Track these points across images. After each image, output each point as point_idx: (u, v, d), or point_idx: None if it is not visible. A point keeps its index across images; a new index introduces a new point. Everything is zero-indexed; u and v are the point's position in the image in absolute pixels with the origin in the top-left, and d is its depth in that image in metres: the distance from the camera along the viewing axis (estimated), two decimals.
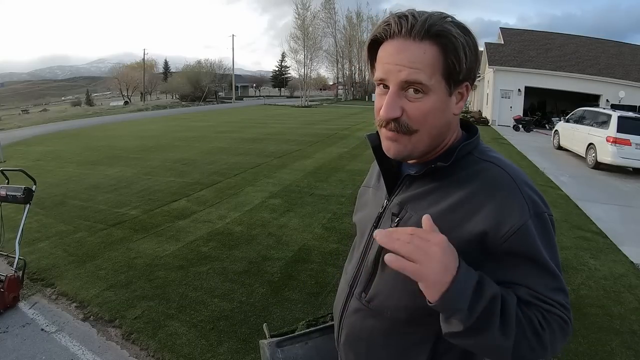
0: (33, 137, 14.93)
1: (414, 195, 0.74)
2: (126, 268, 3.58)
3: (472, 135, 0.76)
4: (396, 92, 0.66)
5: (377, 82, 0.70)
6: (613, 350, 2.50)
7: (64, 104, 65.07)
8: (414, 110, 0.66)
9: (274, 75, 71.23)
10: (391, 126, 0.68)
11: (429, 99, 0.66)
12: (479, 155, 0.72)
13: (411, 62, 0.64)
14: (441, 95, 0.67)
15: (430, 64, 0.65)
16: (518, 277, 0.64)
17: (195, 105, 39.74)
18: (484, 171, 0.69)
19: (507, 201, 0.64)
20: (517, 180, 0.66)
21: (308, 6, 39.69)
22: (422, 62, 0.64)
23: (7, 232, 3.38)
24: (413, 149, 0.70)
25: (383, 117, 0.68)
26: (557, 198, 6.15)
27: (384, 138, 0.71)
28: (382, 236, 0.59)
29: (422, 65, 0.64)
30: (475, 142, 0.74)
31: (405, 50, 0.65)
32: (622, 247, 4.24)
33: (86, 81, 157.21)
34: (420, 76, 0.64)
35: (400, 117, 0.67)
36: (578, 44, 20.55)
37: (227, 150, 10.07)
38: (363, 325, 0.79)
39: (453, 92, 0.69)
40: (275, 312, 2.86)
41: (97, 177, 7.35)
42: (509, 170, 0.68)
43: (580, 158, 9.51)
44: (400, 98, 0.66)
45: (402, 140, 0.69)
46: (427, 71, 0.65)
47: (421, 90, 0.65)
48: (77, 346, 2.53)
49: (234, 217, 4.94)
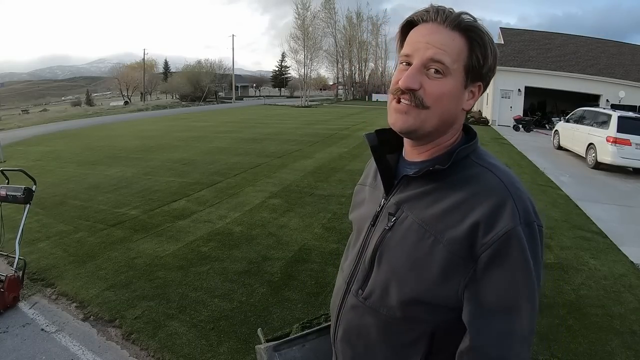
0: (33, 137, 14.93)
1: (411, 195, 0.75)
2: (126, 268, 3.58)
3: (470, 138, 0.77)
4: (419, 67, 0.69)
5: (402, 59, 0.73)
6: (613, 350, 2.50)
7: (64, 104, 65.06)
8: (432, 87, 0.69)
9: (274, 75, 71.25)
10: (406, 97, 0.70)
11: (447, 81, 0.69)
12: (476, 159, 0.73)
13: (440, 44, 0.69)
14: (458, 84, 0.70)
15: (457, 51, 0.69)
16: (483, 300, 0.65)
17: (195, 105, 39.74)
18: (479, 176, 0.70)
19: (499, 207, 0.65)
20: (510, 187, 0.67)
21: (308, 6, 39.70)
22: (449, 46, 0.69)
23: (7, 232, 3.38)
24: (420, 125, 0.71)
25: (402, 86, 0.69)
26: (557, 198, 6.15)
27: (393, 111, 0.73)
28: None
29: (449, 49, 0.69)
30: (474, 145, 0.75)
31: (437, 33, 0.69)
32: (622, 247, 4.24)
33: (86, 81, 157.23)
34: (445, 58, 0.68)
35: (417, 90, 0.69)
36: (578, 44, 20.56)
37: (227, 150, 10.07)
38: (360, 322, 0.80)
39: (468, 87, 0.72)
40: (276, 312, 2.86)
41: (97, 177, 7.35)
42: (502, 177, 0.69)
43: (581, 158, 9.51)
44: (421, 74, 0.69)
45: (412, 113, 0.70)
46: (452, 56, 0.69)
47: (442, 71, 0.69)
48: (77, 346, 2.53)
49: (234, 217, 4.94)
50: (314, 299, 3.00)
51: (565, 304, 3.06)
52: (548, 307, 3.00)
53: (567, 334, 2.66)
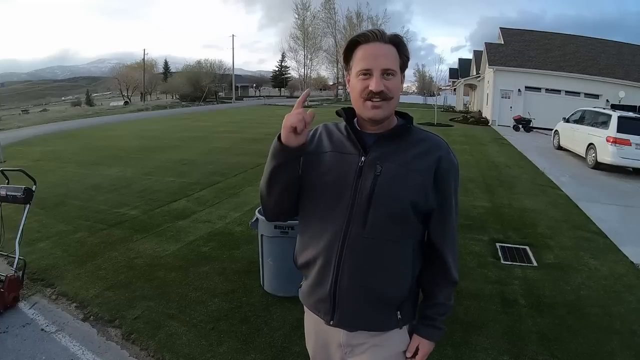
0: (33, 137, 14.92)
1: (386, 151, 1.07)
2: (126, 268, 3.58)
3: (409, 118, 1.16)
4: (380, 76, 1.02)
5: (360, 72, 1.03)
6: (613, 350, 2.50)
7: (64, 104, 65.04)
8: (391, 85, 1.03)
9: (274, 75, 71.13)
10: (378, 97, 1.02)
11: (396, 79, 1.05)
12: (419, 129, 1.14)
13: (387, 56, 1.03)
14: (399, 78, 1.07)
15: (395, 58, 1.05)
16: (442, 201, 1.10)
17: (195, 105, 39.71)
18: (429, 137, 1.12)
19: (446, 151, 1.10)
20: (446, 142, 1.13)
21: (308, 6, 39.69)
22: (392, 56, 1.04)
23: (7, 232, 3.37)
24: (389, 112, 1.07)
25: (376, 90, 1.01)
26: (557, 198, 6.15)
27: (370, 108, 1.04)
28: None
29: (392, 58, 1.04)
30: (412, 121, 1.15)
31: (383, 49, 1.03)
32: (622, 247, 4.24)
33: (86, 81, 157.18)
34: (393, 65, 1.04)
35: (383, 90, 1.01)
36: (578, 44, 20.56)
37: (227, 150, 10.08)
38: (366, 254, 1.06)
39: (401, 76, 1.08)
40: (276, 312, 2.86)
41: (97, 177, 7.35)
42: (441, 138, 1.14)
43: (580, 158, 9.51)
44: (381, 79, 1.02)
45: (384, 106, 1.04)
46: (395, 63, 1.04)
47: (392, 74, 1.03)
48: (77, 346, 2.53)
49: (234, 217, 4.94)
50: None
51: (565, 304, 3.06)
52: (548, 307, 3.00)
53: (567, 334, 2.66)
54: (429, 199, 1.07)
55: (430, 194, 1.07)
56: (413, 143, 1.10)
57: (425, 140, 1.11)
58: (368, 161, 1.06)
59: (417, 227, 1.10)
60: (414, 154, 1.07)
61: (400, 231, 1.07)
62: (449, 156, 1.10)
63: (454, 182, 1.10)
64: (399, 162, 1.06)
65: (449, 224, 1.12)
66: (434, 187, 1.07)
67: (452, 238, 1.14)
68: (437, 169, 1.06)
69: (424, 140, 1.11)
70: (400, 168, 1.05)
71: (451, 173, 1.09)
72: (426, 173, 1.06)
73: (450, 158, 1.10)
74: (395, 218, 1.05)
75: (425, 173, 1.06)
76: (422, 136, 1.12)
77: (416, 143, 1.10)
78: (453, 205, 1.11)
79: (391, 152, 1.07)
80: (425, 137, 1.12)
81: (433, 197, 1.07)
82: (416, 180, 1.05)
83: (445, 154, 1.09)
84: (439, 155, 1.08)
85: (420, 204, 1.06)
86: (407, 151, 1.08)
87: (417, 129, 1.13)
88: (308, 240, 1.15)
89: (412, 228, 1.09)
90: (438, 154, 1.08)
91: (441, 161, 1.07)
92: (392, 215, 1.05)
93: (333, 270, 1.07)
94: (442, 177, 1.07)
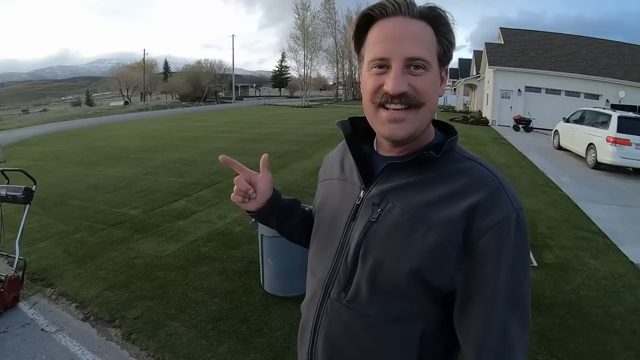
0: (33, 137, 14.93)
1: (396, 186, 0.72)
2: (126, 268, 3.58)
3: (452, 134, 0.76)
4: (402, 68, 0.66)
5: (373, 63, 0.68)
6: (613, 350, 2.50)
7: (64, 104, 65.05)
8: (420, 83, 0.67)
9: (274, 75, 71.18)
10: (396, 101, 0.67)
11: (430, 75, 0.68)
12: (460, 153, 0.73)
13: (416, 39, 0.66)
14: (436, 73, 0.70)
15: (429, 42, 0.67)
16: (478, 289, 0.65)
17: (195, 105, 39.73)
18: (471, 169, 0.70)
19: (493, 194, 0.66)
20: (499, 178, 0.69)
21: (308, 6, 39.69)
22: (423, 39, 0.66)
23: (7, 232, 3.37)
24: (420, 125, 0.70)
25: (393, 92, 0.66)
26: (557, 198, 6.15)
27: (386, 121, 0.69)
28: None
29: (424, 41, 0.67)
30: (456, 140, 0.75)
31: (407, 27, 0.66)
32: (622, 247, 4.24)
33: (86, 81, 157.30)
34: (424, 52, 0.66)
35: (407, 92, 0.66)
36: (578, 44, 20.55)
37: (227, 151, 10.04)
38: (345, 330, 0.74)
39: (441, 73, 0.71)
40: (276, 312, 2.86)
41: (97, 177, 7.35)
42: (491, 169, 0.70)
43: (581, 158, 9.50)
44: (405, 75, 0.66)
45: (409, 116, 0.68)
46: (429, 48, 0.67)
47: (423, 66, 0.66)
48: (77, 346, 2.53)
49: (234, 217, 4.94)
50: None
51: (565, 304, 3.06)
52: (548, 307, 3.00)
53: (567, 334, 2.66)
54: (450, 272, 0.66)
55: (453, 265, 0.65)
56: (442, 176, 0.70)
57: (463, 173, 0.69)
58: (367, 198, 0.75)
59: (430, 308, 0.69)
60: (437, 195, 0.68)
61: (398, 309, 0.70)
62: (498, 203, 0.65)
63: (502, 249, 0.63)
64: (410, 205, 0.69)
65: (489, 324, 0.64)
66: (463, 254, 0.65)
67: (497, 351, 0.64)
68: (470, 225, 0.64)
69: (461, 173, 0.69)
70: (406, 215, 0.68)
71: (497, 234, 0.63)
72: (448, 229, 0.65)
73: (499, 207, 0.64)
74: (386, 290, 0.70)
75: (447, 229, 0.65)
76: (462, 166, 0.70)
77: (447, 177, 0.69)
78: (499, 289, 0.63)
79: (403, 188, 0.71)
80: (466, 168, 0.70)
81: (456, 270, 0.65)
82: (428, 238, 0.66)
83: (489, 199, 0.65)
84: (477, 201, 0.65)
85: (430, 277, 0.66)
86: (428, 188, 0.69)
87: (457, 153, 0.73)
88: (307, 272, 0.90)
89: (420, 307, 0.69)
90: (475, 199, 0.65)
91: (478, 211, 0.64)
92: (383, 285, 0.70)
93: (311, 333, 0.80)
94: (477, 240, 0.64)
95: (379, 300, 0.71)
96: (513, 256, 0.64)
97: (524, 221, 0.66)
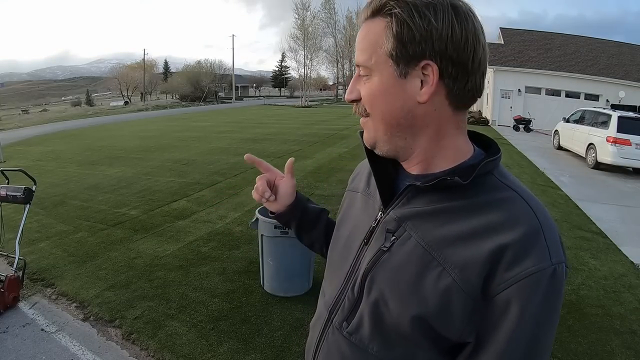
0: (33, 137, 14.94)
1: (416, 212, 0.62)
2: (126, 268, 3.58)
3: (493, 152, 0.63)
4: (356, 76, 0.64)
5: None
6: (613, 350, 2.50)
7: (64, 104, 65.10)
8: (363, 91, 0.63)
9: (274, 75, 71.23)
10: (356, 109, 0.67)
11: (373, 80, 0.61)
12: (500, 178, 0.60)
13: (358, 43, 0.62)
14: (387, 76, 0.59)
15: (372, 42, 0.59)
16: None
17: (195, 105, 39.73)
18: (507, 202, 0.57)
19: (528, 239, 0.54)
20: (540, 218, 0.56)
21: (308, 6, 39.70)
22: (365, 41, 0.61)
23: (7, 232, 3.38)
24: (375, 135, 0.64)
25: (346, 98, 0.67)
26: (557, 198, 6.15)
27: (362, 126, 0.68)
28: None
29: (365, 44, 0.61)
30: (498, 160, 0.61)
31: (361, 31, 0.62)
32: (622, 247, 4.24)
33: (86, 81, 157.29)
34: (362, 56, 0.61)
35: (360, 100, 0.64)
36: (578, 44, 20.56)
37: (227, 151, 10.07)
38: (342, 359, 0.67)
39: (408, 73, 0.58)
40: (276, 312, 2.86)
41: (97, 177, 7.36)
42: (534, 206, 0.57)
43: (581, 158, 9.51)
44: (359, 81, 0.64)
45: (368, 124, 0.65)
46: (368, 50, 0.60)
47: (366, 73, 0.62)
48: (77, 346, 2.53)
49: (234, 217, 4.94)
50: (314, 299, 3.00)
51: (565, 304, 3.05)
52: None
53: (567, 334, 2.66)
54: (460, 323, 0.56)
55: (466, 316, 0.55)
56: (472, 207, 0.58)
57: (497, 206, 0.57)
58: (384, 222, 0.65)
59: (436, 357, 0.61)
60: (460, 230, 0.57)
61: (401, 352, 0.62)
62: (531, 251, 0.53)
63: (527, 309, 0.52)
64: (427, 237, 0.59)
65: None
66: (480, 304, 0.54)
67: None
68: (493, 272, 0.53)
69: (495, 205, 0.57)
70: (421, 249, 0.59)
71: (523, 290, 0.52)
72: (466, 274, 0.55)
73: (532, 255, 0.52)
74: (390, 330, 0.62)
75: (464, 273, 0.55)
76: (498, 196, 0.58)
77: (477, 208, 0.58)
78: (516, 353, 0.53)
79: (424, 215, 0.61)
80: (502, 200, 0.58)
81: (468, 322, 0.55)
82: (441, 282, 0.56)
83: (521, 244, 0.53)
84: (506, 243, 0.53)
85: (436, 326, 0.57)
86: (452, 220, 0.58)
87: (496, 178, 0.60)
88: (321, 289, 0.84)
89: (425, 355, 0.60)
90: (504, 241, 0.53)
91: (505, 257, 0.53)
92: (386, 324, 0.62)
93: (312, 357, 0.75)
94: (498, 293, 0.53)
95: (381, 339, 0.63)
96: (538, 319, 0.52)
97: (562, 279, 0.54)
